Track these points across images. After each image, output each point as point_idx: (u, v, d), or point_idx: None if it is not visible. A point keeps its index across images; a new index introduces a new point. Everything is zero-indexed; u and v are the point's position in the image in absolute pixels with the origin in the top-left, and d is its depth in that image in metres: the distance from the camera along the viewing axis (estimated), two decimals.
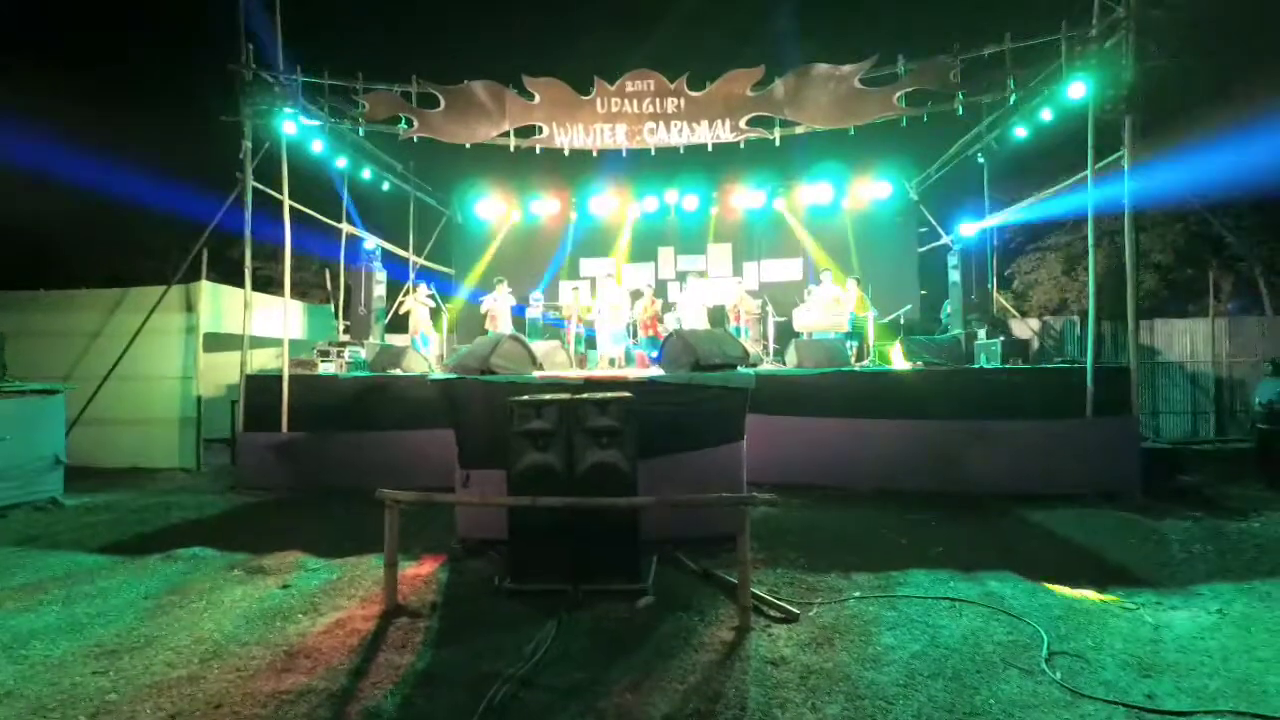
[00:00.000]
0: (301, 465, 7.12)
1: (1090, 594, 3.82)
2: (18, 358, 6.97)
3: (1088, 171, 6.52)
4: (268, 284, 10.27)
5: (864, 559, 4.47)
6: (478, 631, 3.38)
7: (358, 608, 3.73)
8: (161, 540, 5.12)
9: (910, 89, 7.25)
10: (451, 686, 2.82)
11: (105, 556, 4.75)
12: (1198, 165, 9.26)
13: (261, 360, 8.91)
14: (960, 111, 7.35)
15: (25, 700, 2.75)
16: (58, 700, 2.74)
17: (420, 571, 4.33)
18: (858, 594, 3.85)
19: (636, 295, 10.19)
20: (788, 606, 3.59)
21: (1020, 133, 8.03)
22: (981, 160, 9.57)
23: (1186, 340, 10.32)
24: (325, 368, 8.00)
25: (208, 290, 8.42)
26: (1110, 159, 6.52)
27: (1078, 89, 6.57)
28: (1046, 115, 7.41)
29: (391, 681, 2.87)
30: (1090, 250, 6.65)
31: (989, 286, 10.40)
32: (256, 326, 7.93)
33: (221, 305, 8.60)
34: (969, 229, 9.80)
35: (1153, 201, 10.42)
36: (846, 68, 7.42)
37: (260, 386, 7.38)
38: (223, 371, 8.94)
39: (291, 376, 7.31)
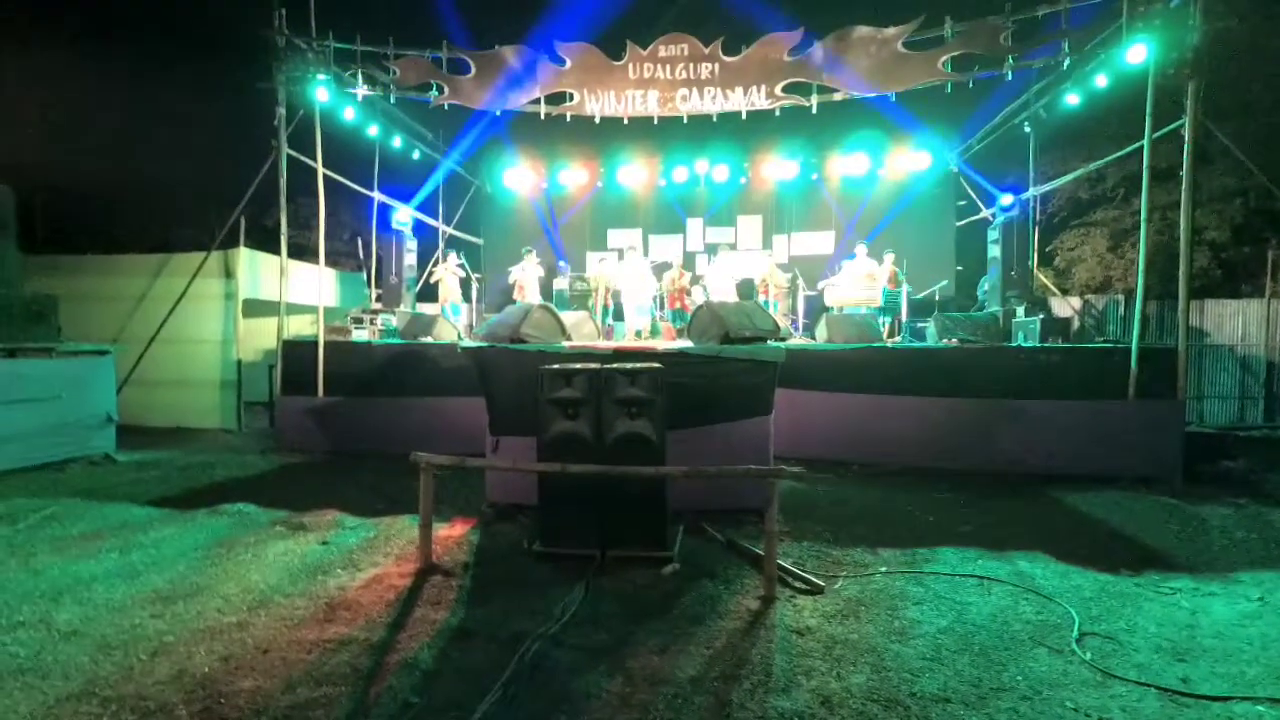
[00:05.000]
0: (337, 428, 7.33)
1: (1125, 577, 3.76)
2: (69, 320, 7.26)
3: (1145, 141, 6.18)
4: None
5: (891, 535, 4.45)
6: (509, 591, 3.48)
7: (393, 565, 3.87)
8: (207, 496, 5.36)
9: (957, 53, 6.94)
10: (485, 642, 2.92)
11: (156, 509, 5.00)
12: (1261, 134, 8.70)
13: (297, 326, 9.12)
14: (1010, 76, 7.02)
15: (91, 639, 2.94)
16: (120, 640, 2.92)
17: (452, 533, 4.46)
18: (884, 569, 3.85)
19: (664, 267, 10.12)
20: (813, 579, 3.61)
21: (1072, 100, 7.64)
22: (1028, 130, 9.15)
23: (1238, 322, 9.87)
24: (358, 334, 8.17)
25: (245, 257, 8.62)
26: (1169, 128, 6.17)
27: (1138, 52, 6.19)
28: (1102, 81, 7.02)
29: (427, 635, 2.98)
30: (1143, 225, 6.34)
31: (1029, 263, 10.06)
32: (292, 293, 8.10)
33: (258, 272, 8.80)
34: (1007, 199, 9.44)
35: (1212, 175, 9.89)
36: (890, 30, 7.12)
37: (297, 352, 7.58)
38: (260, 336, 9.20)
39: (326, 343, 7.49)
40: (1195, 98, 5.97)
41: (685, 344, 5.55)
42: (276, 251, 7.88)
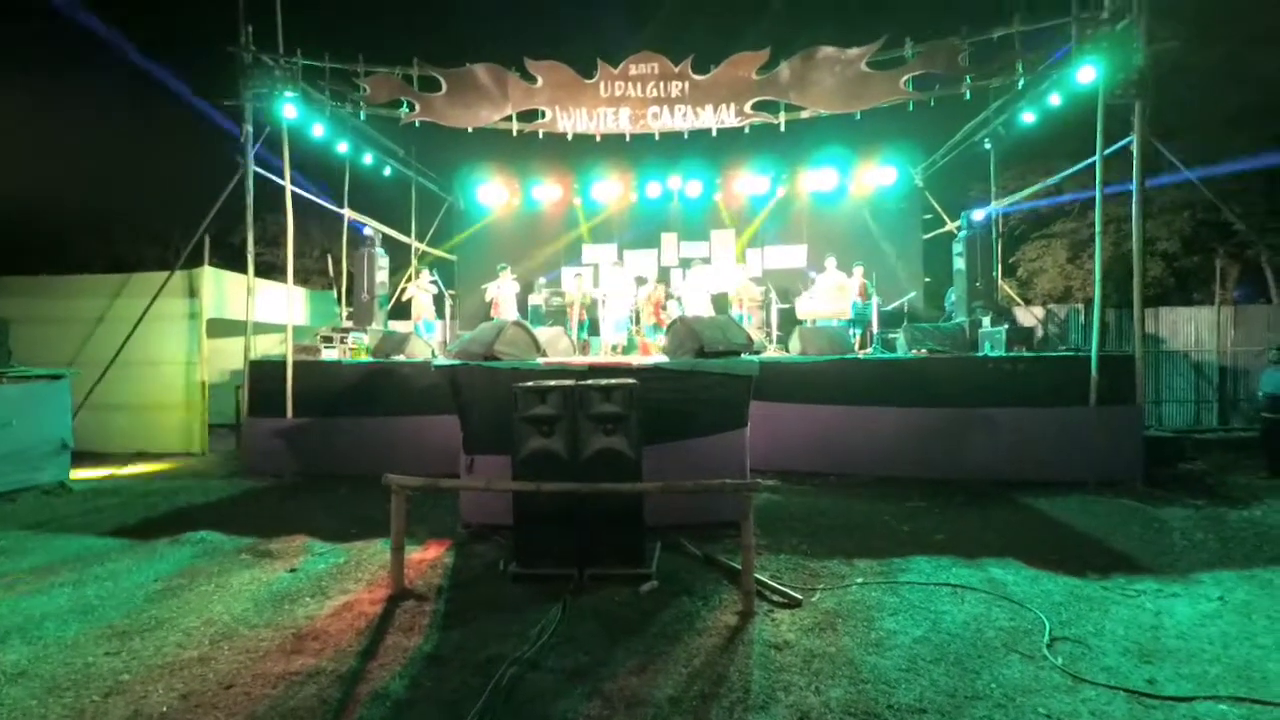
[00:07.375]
0: (306, 450, 7.15)
1: (1092, 581, 3.85)
2: (23, 343, 6.98)
3: (1096, 157, 6.45)
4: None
5: (866, 546, 4.50)
6: (484, 615, 3.42)
7: (364, 591, 3.77)
8: (169, 524, 5.17)
9: (918, 73, 7.17)
10: (459, 668, 2.85)
11: (114, 540, 4.80)
12: (1208, 150, 9.13)
13: (265, 346, 8.92)
14: (968, 96, 7.27)
15: (40, 680, 2.79)
16: (71, 680, 2.79)
17: (426, 556, 4.37)
18: (860, 580, 3.87)
19: (640, 282, 10.16)
20: (790, 592, 3.61)
21: (1028, 118, 7.95)
22: (988, 146, 9.47)
23: (1191, 328, 10.28)
24: (328, 354, 8.01)
25: (210, 276, 8.42)
26: (1119, 144, 6.44)
27: (1087, 73, 6.48)
28: (1055, 100, 7.32)
29: (399, 663, 2.90)
30: (1097, 237, 6.59)
31: (994, 274, 10.35)
32: (259, 312, 7.93)
33: (224, 291, 8.60)
34: (979, 215, 9.73)
35: (1161, 188, 10.36)
36: (853, 51, 7.33)
37: (264, 372, 7.39)
38: (226, 357, 8.97)
39: (296, 362, 7.32)
40: (1142, 116, 6.27)
41: (660, 359, 5.56)
42: (244, 270, 7.71)
